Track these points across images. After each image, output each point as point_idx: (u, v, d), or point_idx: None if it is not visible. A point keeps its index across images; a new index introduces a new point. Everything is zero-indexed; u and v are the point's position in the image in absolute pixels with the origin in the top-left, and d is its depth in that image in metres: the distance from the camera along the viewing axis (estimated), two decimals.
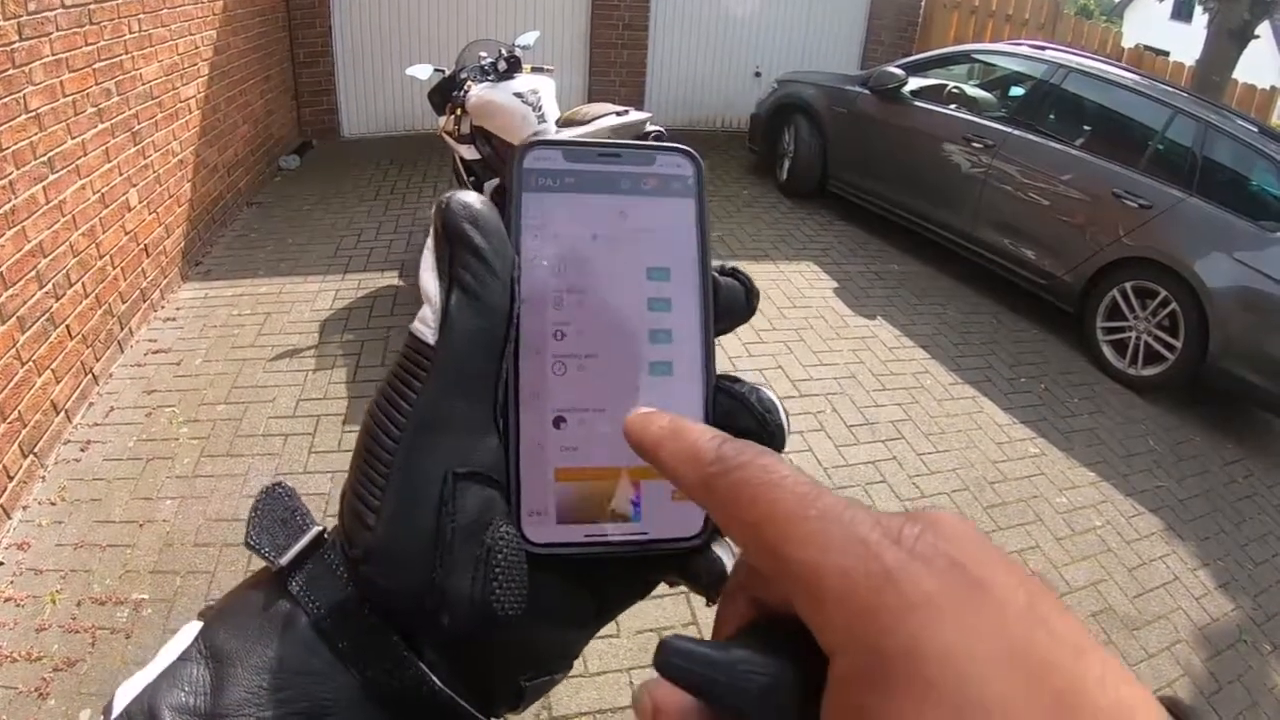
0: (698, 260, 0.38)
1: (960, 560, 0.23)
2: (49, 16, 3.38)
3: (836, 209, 7.02)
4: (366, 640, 0.33)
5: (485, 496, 0.34)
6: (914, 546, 0.24)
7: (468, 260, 0.34)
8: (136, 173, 4.21)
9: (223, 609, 0.35)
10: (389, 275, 5.07)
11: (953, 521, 0.25)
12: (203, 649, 0.33)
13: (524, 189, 0.37)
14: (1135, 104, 5.40)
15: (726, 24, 8.84)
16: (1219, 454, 4.49)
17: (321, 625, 0.33)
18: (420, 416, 0.34)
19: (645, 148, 0.39)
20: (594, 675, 2.61)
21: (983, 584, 0.23)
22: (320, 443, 3.52)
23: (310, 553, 0.35)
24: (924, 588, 0.22)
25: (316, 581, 0.34)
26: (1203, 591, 3.43)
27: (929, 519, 0.25)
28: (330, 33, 7.56)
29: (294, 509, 0.37)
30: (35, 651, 2.47)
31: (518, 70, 4.59)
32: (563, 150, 0.38)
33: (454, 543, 0.33)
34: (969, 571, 0.23)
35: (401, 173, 7.00)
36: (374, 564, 0.33)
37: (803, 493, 0.26)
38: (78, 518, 3.02)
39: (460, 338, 0.34)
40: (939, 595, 0.22)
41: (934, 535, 0.24)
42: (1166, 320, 4.79)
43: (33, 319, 3.22)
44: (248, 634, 0.33)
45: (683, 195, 0.39)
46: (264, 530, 0.36)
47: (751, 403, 0.37)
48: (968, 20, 9.19)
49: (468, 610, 0.33)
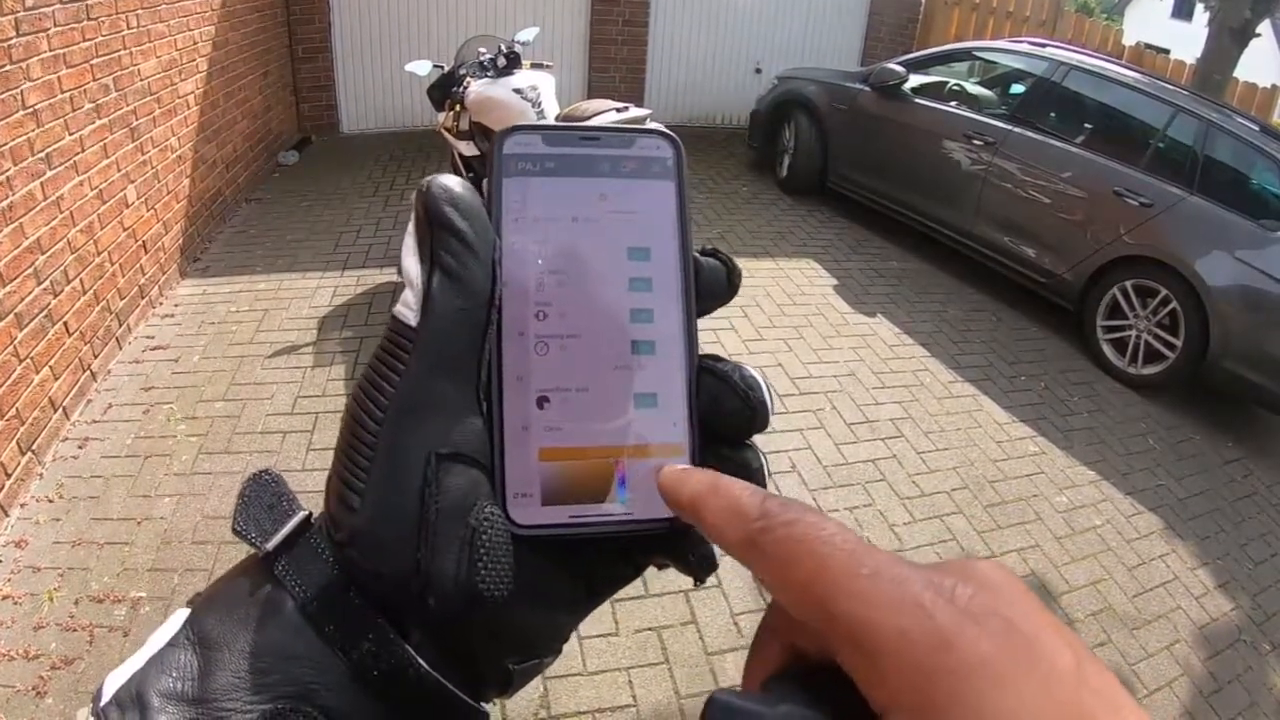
0: (678, 240, 0.38)
1: (1012, 619, 0.24)
2: (46, 12, 3.36)
3: (836, 206, 7.01)
4: (353, 623, 0.33)
5: (470, 477, 0.34)
6: (968, 606, 0.24)
7: (449, 242, 0.35)
8: (134, 169, 4.20)
9: (211, 595, 0.35)
10: (388, 272, 5.06)
11: (999, 575, 0.26)
12: (190, 635, 0.33)
13: (504, 173, 0.37)
14: (1136, 102, 5.39)
15: (727, 20, 8.83)
16: (1219, 453, 4.49)
17: (308, 609, 0.33)
18: (403, 399, 0.34)
19: (624, 131, 0.39)
20: (593, 674, 2.61)
21: (1034, 644, 0.23)
22: (318, 440, 3.51)
23: (296, 537, 0.35)
24: (981, 650, 0.23)
25: (302, 565, 0.34)
26: (1202, 591, 3.43)
27: (978, 576, 0.25)
28: (329, 28, 7.54)
29: (280, 494, 0.37)
30: (33, 649, 2.46)
31: (517, 66, 4.58)
32: (542, 135, 0.38)
33: (438, 524, 0.33)
34: (1021, 632, 0.24)
35: (400, 168, 6.99)
36: (359, 546, 0.33)
37: (852, 549, 0.26)
38: (75, 515, 3.01)
39: (442, 319, 0.34)
40: (996, 658, 0.23)
41: (986, 594, 0.25)
42: (1167, 319, 4.79)
43: (31, 316, 3.21)
44: (235, 619, 0.33)
45: (662, 177, 0.39)
46: (250, 517, 0.36)
47: (735, 381, 0.37)
48: (969, 17, 9.19)
49: (453, 592, 0.32)
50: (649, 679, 2.62)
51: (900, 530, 3.43)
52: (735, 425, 0.37)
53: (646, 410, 0.37)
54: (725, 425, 0.37)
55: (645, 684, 2.60)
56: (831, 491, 3.58)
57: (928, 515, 3.54)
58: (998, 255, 5.73)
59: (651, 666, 2.66)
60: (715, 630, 2.79)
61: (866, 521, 3.45)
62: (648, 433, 0.37)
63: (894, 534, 3.41)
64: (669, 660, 2.69)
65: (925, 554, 3.32)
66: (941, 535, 3.44)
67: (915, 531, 3.44)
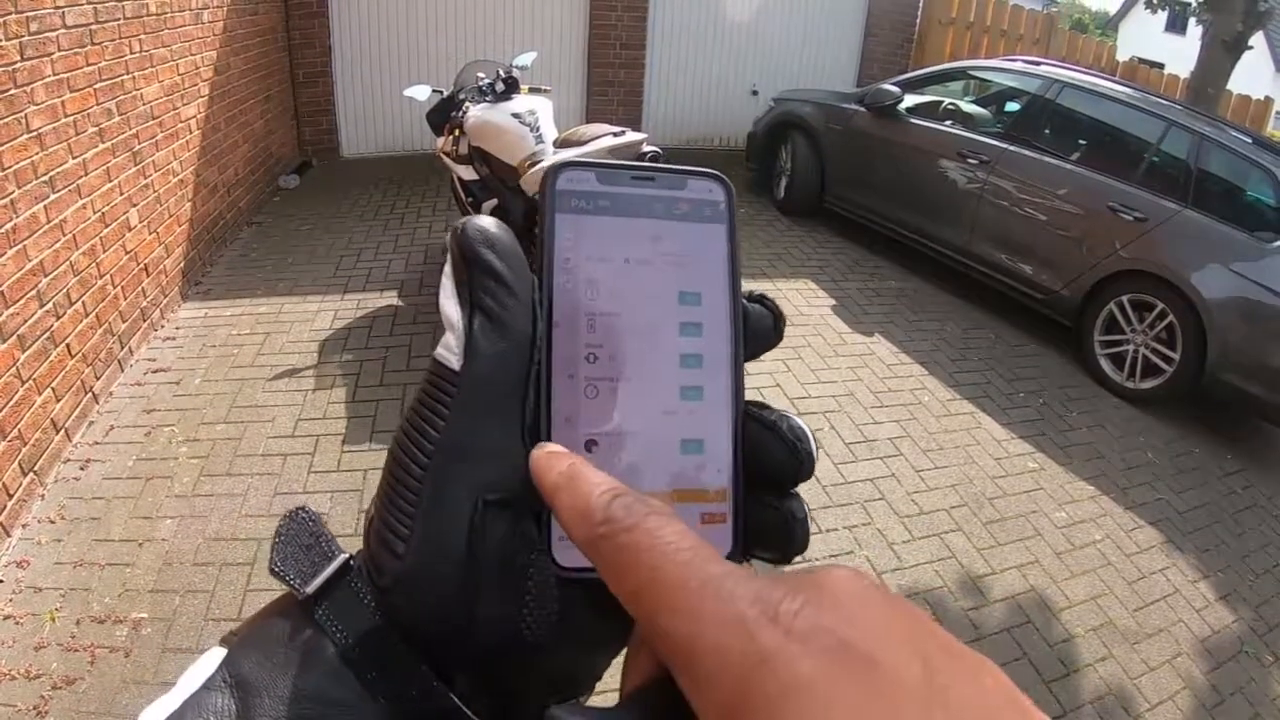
0: (728, 286, 0.38)
1: (845, 636, 0.22)
2: (51, 37, 3.40)
3: (833, 226, 7.04)
4: (395, 670, 0.32)
5: (515, 521, 0.33)
6: (792, 625, 0.22)
7: (487, 284, 0.34)
8: (137, 192, 4.23)
9: (246, 636, 0.35)
10: (388, 295, 5.08)
11: (844, 585, 0.24)
12: (227, 677, 0.32)
13: (557, 210, 0.36)
14: (1130, 117, 5.43)
15: (723, 43, 8.92)
16: (1219, 465, 4.49)
17: (349, 655, 0.33)
18: (448, 443, 0.33)
19: (678, 172, 0.39)
20: (596, 693, 2.60)
21: (871, 661, 0.21)
22: (319, 462, 3.52)
23: (337, 580, 0.35)
24: (799, 671, 0.21)
25: (343, 610, 0.34)
26: (1204, 604, 3.42)
27: (815, 586, 0.24)
28: (330, 53, 7.62)
29: (318, 534, 0.37)
30: (34, 669, 2.46)
31: (515, 91, 4.63)
32: (596, 172, 0.37)
33: (485, 570, 0.33)
34: (855, 649, 0.22)
35: (400, 193, 7.03)
36: (403, 593, 0.33)
37: (685, 560, 0.25)
38: (77, 536, 3.02)
39: (485, 362, 0.34)
40: (818, 680, 0.21)
41: (817, 608, 0.23)
42: (1164, 333, 4.80)
43: (33, 338, 3.23)
44: (274, 663, 0.33)
45: (714, 220, 0.38)
46: (288, 557, 0.36)
47: (783, 431, 0.36)
48: (963, 36, 9.25)
49: (499, 638, 0.32)
50: None
51: (899, 549, 3.43)
52: (781, 474, 0.36)
53: (692, 455, 0.36)
54: (771, 473, 0.36)
55: None
56: (830, 511, 3.58)
57: (927, 533, 3.54)
58: (995, 273, 5.75)
59: None
60: None
61: (865, 540, 3.45)
62: (692, 478, 0.36)
63: (893, 552, 3.40)
64: None
65: (924, 571, 3.32)
66: (941, 553, 3.44)
67: (914, 550, 3.44)
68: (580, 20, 8.39)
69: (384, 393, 4.03)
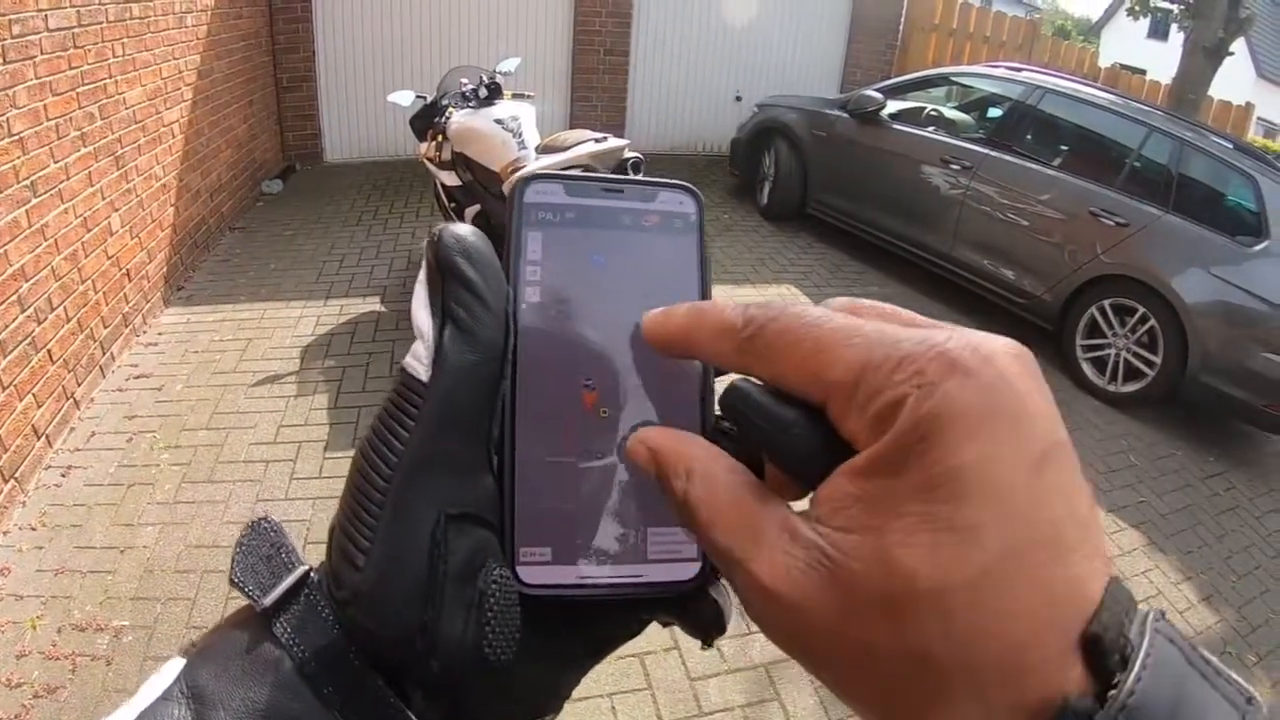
0: (698, 297, 0.37)
1: (1007, 377, 0.25)
2: (33, 40, 3.38)
3: (816, 232, 7.07)
4: (352, 686, 0.32)
5: (478, 538, 0.33)
6: (958, 358, 0.25)
7: (460, 294, 0.33)
8: (119, 197, 4.20)
9: (205, 648, 0.34)
10: (371, 301, 5.07)
11: (1002, 353, 0.26)
12: (185, 689, 0.32)
13: (524, 224, 0.36)
14: (1111, 123, 5.48)
15: (707, 49, 8.94)
16: (1200, 467, 4.52)
17: (306, 669, 0.32)
18: (413, 455, 0.32)
19: (647, 183, 0.38)
20: (575, 701, 2.58)
21: (1021, 410, 0.25)
22: (301, 469, 3.50)
23: (296, 593, 0.34)
24: (963, 399, 0.25)
25: (302, 624, 0.33)
26: (1187, 605, 3.45)
27: (973, 346, 0.26)
28: (314, 58, 7.60)
29: (279, 545, 0.36)
30: (15, 678, 2.44)
31: (498, 97, 4.63)
32: (564, 185, 0.37)
33: (445, 586, 0.32)
34: (1014, 390, 0.25)
35: (384, 198, 7.01)
36: (362, 607, 0.32)
37: (840, 324, 0.28)
38: (58, 543, 2.99)
39: (454, 374, 0.33)
40: (975, 410, 0.24)
41: (981, 354, 0.26)
42: (1145, 336, 4.83)
43: (14, 343, 3.20)
44: (231, 676, 0.32)
45: (684, 232, 0.38)
46: (248, 567, 0.35)
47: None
48: (946, 43, 9.32)
49: (459, 655, 0.32)
50: (632, 705, 2.61)
51: None
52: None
53: None
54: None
55: (628, 710, 2.59)
56: None
57: None
58: (977, 277, 5.78)
59: (634, 693, 2.65)
60: (698, 656, 2.78)
61: None
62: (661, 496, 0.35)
63: None
64: (651, 686, 2.67)
65: None
66: None
67: None
68: (564, 26, 8.40)
69: (366, 399, 4.01)
